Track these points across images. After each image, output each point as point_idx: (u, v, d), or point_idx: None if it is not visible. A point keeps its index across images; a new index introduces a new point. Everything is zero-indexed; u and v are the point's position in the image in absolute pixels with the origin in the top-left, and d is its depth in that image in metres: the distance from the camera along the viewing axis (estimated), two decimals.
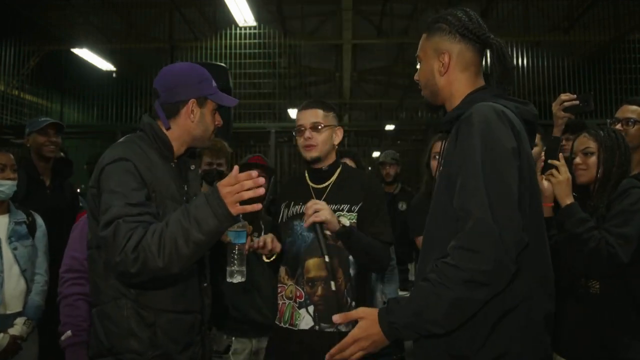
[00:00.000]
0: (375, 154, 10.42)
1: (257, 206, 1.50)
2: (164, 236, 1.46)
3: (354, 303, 2.06)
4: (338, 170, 2.20)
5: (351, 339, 1.32)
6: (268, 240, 2.03)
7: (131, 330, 1.62)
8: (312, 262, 2.07)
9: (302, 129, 2.13)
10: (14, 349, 2.47)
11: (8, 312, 2.51)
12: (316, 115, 2.13)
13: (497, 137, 1.29)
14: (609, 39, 8.23)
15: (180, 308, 1.69)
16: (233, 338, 2.67)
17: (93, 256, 1.69)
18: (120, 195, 1.53)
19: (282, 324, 2.12)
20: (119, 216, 1.49)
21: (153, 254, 1.45)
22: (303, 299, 2.08)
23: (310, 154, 2.13)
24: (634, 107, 2.32)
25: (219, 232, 1.51)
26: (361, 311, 1.34)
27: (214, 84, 1.80)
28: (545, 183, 2.06)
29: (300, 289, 2.08)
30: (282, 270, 2.17)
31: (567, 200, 1.99)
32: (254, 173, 1.46)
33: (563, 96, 2.41)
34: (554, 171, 2.03)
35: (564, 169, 2.02)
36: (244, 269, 1.78)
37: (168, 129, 1.75)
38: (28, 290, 2.60)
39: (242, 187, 1.45)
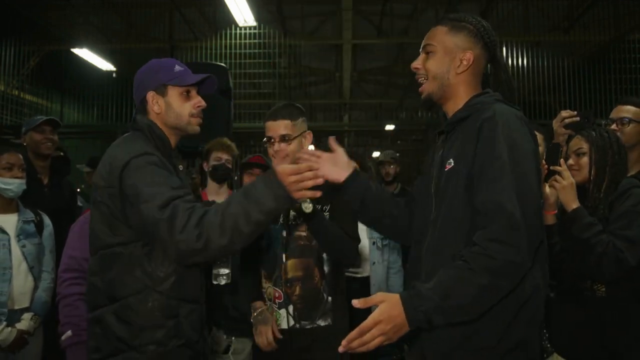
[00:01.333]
0: (375, 154, 10.42)
1: (317, 193, 1.57)
2: (226, 215, 1.52)
3: (330, 298, 2.15)
4: None
5: (372, 321, 1.25)
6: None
7: (157, 320, 1.64)
8: (290, 263, 2.14)
9: (272, 140, 2.11)
10: (20, 344, 2.54)
11: (16, 307, 2.59)
12: (285, 126, 2.10)
13: (521, 139, 1.37)
14: (609, 39, 8.23)
15: (198, 299, 1.76)
16: (233, 338, 2.67)
17: (111, 254, 1.67)
18: (162, 183, 1.58)
19: None
20: (172, 198, 1.54)
21: (216, 232, 1.50)
22: (282, 300, 2.15)
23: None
24: (628, 107, 2.31)
25: (277, 212, 1.62)
26: (381, 295, 1.31)
27: (176, 68, 1.76)
28: (548, 190, 2.04)
29: (278, 290, 2.15)
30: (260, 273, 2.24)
31: (574, 204, 1.97)
32: (315, 165, 1.60)
33: (563, 113, 2.40)
34: (557, 177, 2.01)
35: (567, 173, 2.00)
36: (228, 271, 1.79)
37: None
38: (35, 287, 2.67)
39: (303, 177, 1.55)
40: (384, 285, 3.28)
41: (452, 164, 1.46)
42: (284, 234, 2.18)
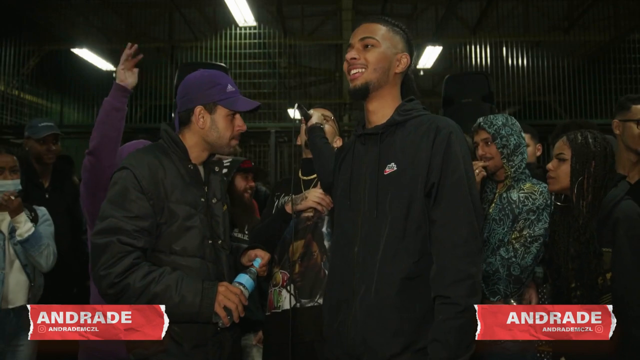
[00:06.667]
0: None
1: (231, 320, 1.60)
2: (148, 289, 1.54)
3: None
4: None
5: None
6: None
7: None
8: (295, 245, 2.15)
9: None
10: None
11: (10, 306, 2.56)
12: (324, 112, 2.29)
13: (467, 153, 1.53)
14: (609, 39, 8.23)
15: None
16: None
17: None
18: (119, 206, 1.60)
19: (270, 312, 2.19)
20: (114, 230, 1.57)
21: (130, 296, 1.54)
22: (287, 281, 2.16)
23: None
24: None
25: (188, 315, 1.58)
26: None
27: (229, 88, 1.79)
28: None
29: (285, 273, 2.16)
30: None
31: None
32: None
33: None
34: None
35: None
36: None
37: (178, 134, 1.79)
38: (30, 284, 2.64)
39: (238, 301, 1.60)
40: None
41: (395, 168, 1.53)
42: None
